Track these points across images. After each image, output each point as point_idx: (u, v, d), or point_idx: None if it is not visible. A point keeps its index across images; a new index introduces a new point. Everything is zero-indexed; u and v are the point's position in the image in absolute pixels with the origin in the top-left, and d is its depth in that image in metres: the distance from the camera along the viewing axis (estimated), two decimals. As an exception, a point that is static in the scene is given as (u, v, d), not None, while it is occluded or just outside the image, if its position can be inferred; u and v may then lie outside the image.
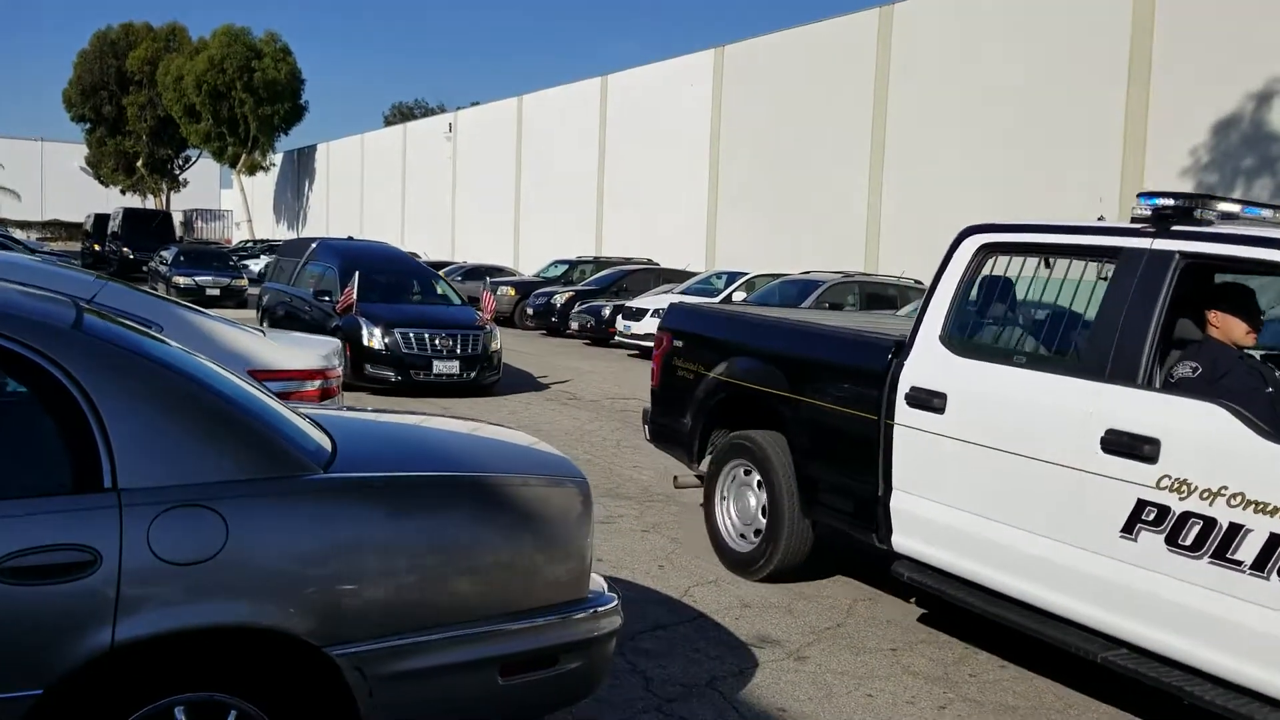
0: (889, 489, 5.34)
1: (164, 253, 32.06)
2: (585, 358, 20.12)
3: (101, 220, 45.66)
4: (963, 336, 5.21)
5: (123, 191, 70.20)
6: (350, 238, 19.58)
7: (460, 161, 48.90)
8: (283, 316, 16.01)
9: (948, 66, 24.08)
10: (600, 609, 3.58)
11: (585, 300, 23.68)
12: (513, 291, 26.80)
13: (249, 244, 52.12)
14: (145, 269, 34.29)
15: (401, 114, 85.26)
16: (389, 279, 15.22)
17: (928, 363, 5.21)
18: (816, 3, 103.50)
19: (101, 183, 72.21)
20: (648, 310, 20.36)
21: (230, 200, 75.75)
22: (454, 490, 3.35)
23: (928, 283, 5.63)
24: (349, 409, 4.95)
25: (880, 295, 19.36)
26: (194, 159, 69.99)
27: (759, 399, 6.40)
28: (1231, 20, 18.64)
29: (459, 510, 3.32)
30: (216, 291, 28.40)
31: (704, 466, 7.01)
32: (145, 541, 2.82)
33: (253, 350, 6.19)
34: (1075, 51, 21.17)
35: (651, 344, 20.89)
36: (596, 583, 3.74)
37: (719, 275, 23.38)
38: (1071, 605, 4.43)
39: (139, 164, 67.95)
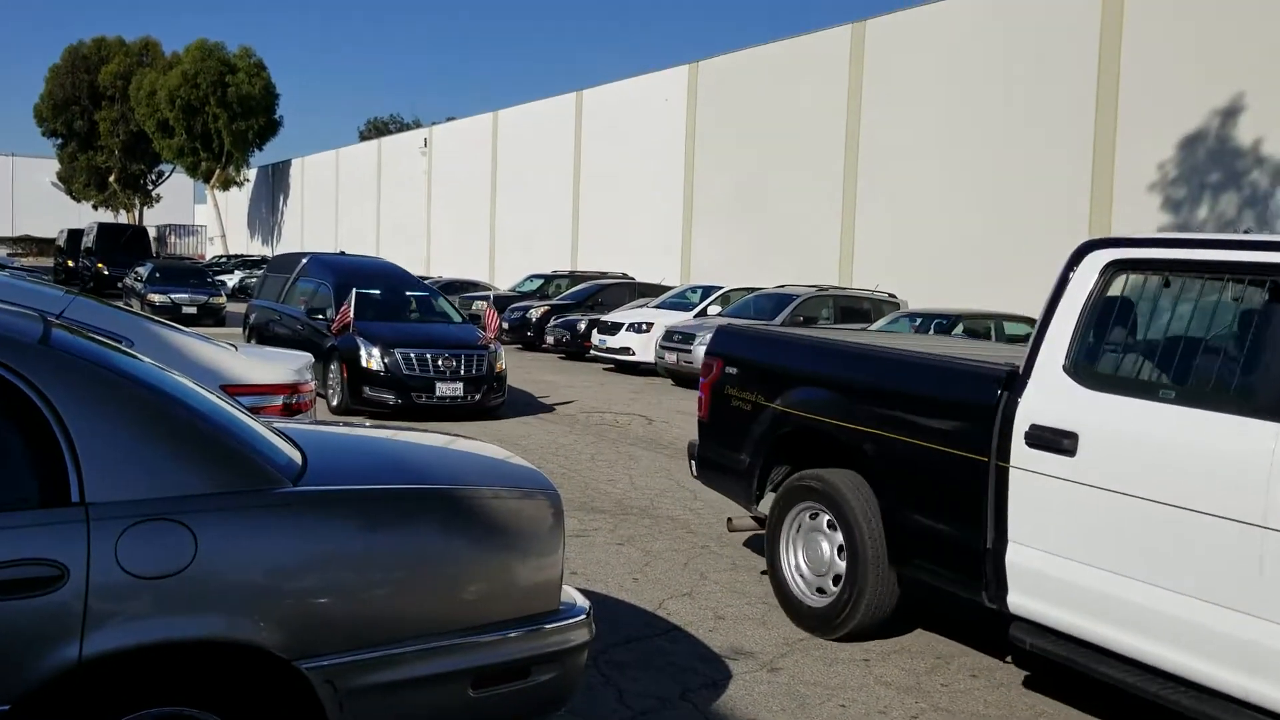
0: (1003, 541, 4.68)
1: (139, 269, 31.13)
2: (560, 372, 20.12)
3: (75, 235, 45.05)
4: (1093, 366, 4.51)
5: (95, 207, 69.69)
6: (343, 252, 18.54)
7: (435, 176, 48.88)
8: (272, 335, 15.34)
9: (920, 83, 24.31)
10: (573, 620, 3.59)
11: (560, 314, 23.70)
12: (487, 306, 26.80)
13: (222, 259, 51.83)
14: (120, 285, 33.51)
15: (377, 129, 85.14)
16: (386, 296, 14.58)
17: (1050, 397, 4.54)
18: (791, 19, 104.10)
19: (73, 198, 71.71)
20: (623, 324, 20.40)
21: (204, 215, 75.37)
22: (425, 502, 3.35)
23: (901, 296, 5.42)
24: (321, 423, 4.94)
25: (855, 309, 19.48)
26: (167, 174, 69.62)
27: (832, 434, 5.73)
28: (1197, 38, 18.93)
29: (430, 522, 3.32)
30: (194, 310, 27.56)
31: (763, 507, 6.35)
32: (113, 556, 2.81)
33: (224, 365, 6.17)
34: (1045, 67, 21.42)
35: (627, 357, 20.90)
36: (569, 594, 3.75)
37: (694, 289, 23.45)
38: (1237, 681, 3.80)
39: (111, 179, 67.50)
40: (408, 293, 15.19)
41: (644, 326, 20.05)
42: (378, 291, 14.42)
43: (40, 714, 2.78)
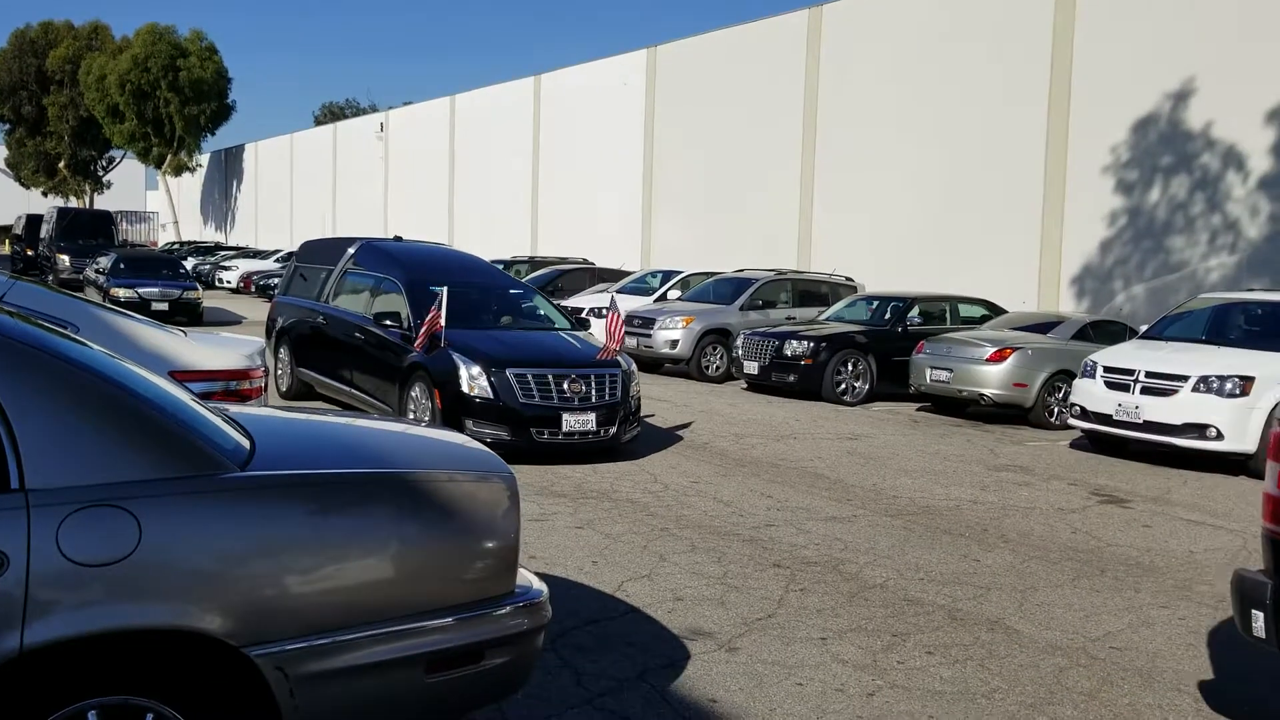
0: None
1: (100, 260, 26.84)
2: (520, 357, 20.02)
3: (34, 221, 42.72)
4: None
5: (44, 194, 68.44)
6: (398, 238, 14.23)
7: (392, 161, 48.42)
8: (320, 346, 12.45)
9: (876, 66, 24.38)
10: (528, 604, 3.57)
11: (520, 300, 23.49)
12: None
13: (175, 246, 51.07)
14: (81, 277, 29.74)
15: (332, 114, 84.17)
16: (473, 296, 11.33)
17: None
18: (749, 3, 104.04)
19: (22, 184, 70.31)
20: (583, 310, 20.33)
21: (156, 202, 74.18)
22: (376, 487, 3.31)
23: (859, 279, 5.27)
24: (272, 408, 4.88)
25: (813, 293, 19.56)
26: (118, 160, 68.46)
27: None
28: (1149, 22, 19.12)
29: (382, 507, 3.28)
30: (165, 306, 23.51)
31: None
32: (55, 543, 2.75)
33: (174, 351, 6.08)
34: (999, 51, 21.55)
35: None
36: (525, 578, 3.73)
37: (654, 274, 23.43)
38: None
39: (61, 165, 66.28)
40: (498, 293, 12.14)
41: (603, 312, 19.92)
42: (461, 291, 11.00)
43: (-20, 705, 2.72)
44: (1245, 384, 10.68)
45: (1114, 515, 8.85)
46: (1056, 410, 13.80)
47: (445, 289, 10.30)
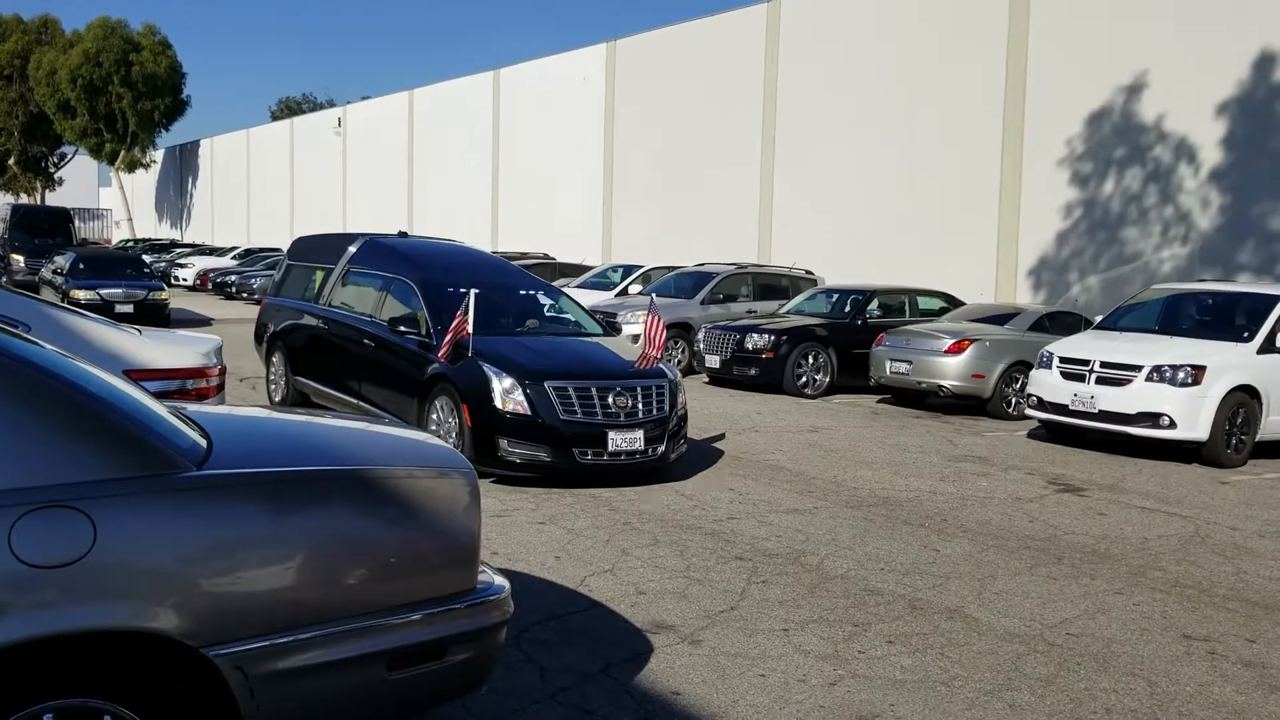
0: None
1: (58, 259, 25.43)
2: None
3: None
4: None
5: (-7, 191, 67.23)
6: (403, 233, 12.74)
7: (351, 157, 48.04)
8: (321, 355, 11.32)
9: (835, 60, 24.51)
10: (489, 599, 3.57)
11: (481, 296, 23.37)
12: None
13: (129, 244, 50.34)
14: (37, 278, 27.86)
15: (289, 109, 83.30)
16: (494, 298, 10.14)
17: None
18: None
19: (-30, 182, 69.03)
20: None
21: (109, 199, 73.10)
22: (335, 484, 3.29)
23: (818, 272, 5.35)
24: (230, 407, 4.83)
25: (773, 286, 19.65)
26: (70, 156, 67.39)
27: None
28: (1103, 16, 19.37)
29: (341, 505, 3.27)
30: (129, 308, 22.20)
31: None
32: (7, 545, 2.72)
33: (128, 350, 6.01)
34: (956, 45, 21.74)
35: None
36: (486, 574, 3.73)
37: (615, 269, 23.42)
38: None
39: (11, 162, 65.08)
40: (522, 292, 11.00)
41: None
42: (487, 292, 9.90)
43: (-67, 711, 2.68)
44: (1197, 373, 10.87)
45: (1070, 504, 8.98)
46: (1014, 401, 13.97)
47: (473, 291, 9.20)
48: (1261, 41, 17.10)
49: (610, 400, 8.92)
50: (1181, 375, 10.85)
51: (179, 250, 46.09)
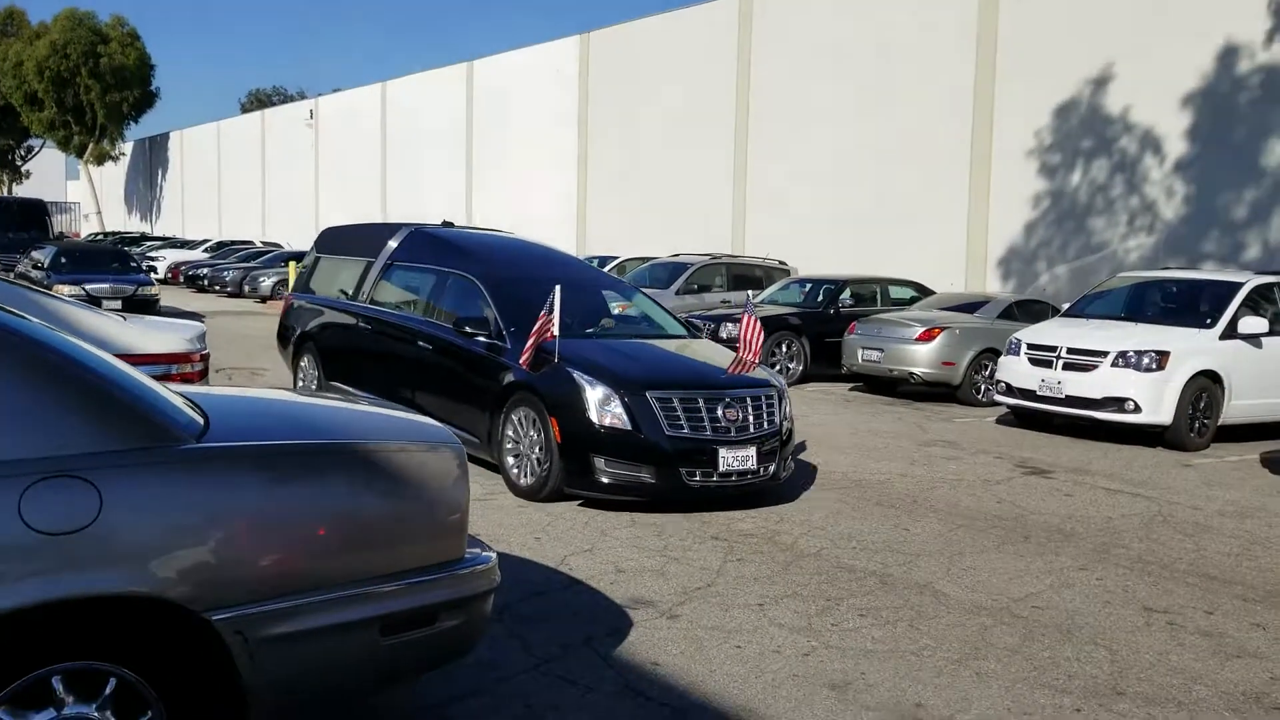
0: None
1: (36, 253, 24.46)
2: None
3: None
4: None
5: (-41, 184, 66.48)
6: (449, 223, 11.31)
7: (323, 149, 47.82)
8: (358, 356, 10.23)
9: (806, 50, 24.70)
10: (478, 567, 3.71)
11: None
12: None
13: (99, 237, 49.94)
14: (14, 274, 25.97)
15: (260, 101, 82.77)
16: (566, 296, 8.23)
17: None
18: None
19: (-65, 174, 68.23)
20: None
21: (77, 192, 72.45)
22: (330, 457, 3.42)
23: (791, 262, 5.44)
24: (223, 386, 4.93)
25: (747, 277, 19.82)
26: (37, 149, 66.72)
27: None
28: (1070, 9, 19.64)
29: (335, 476, 3.40)
30: (118, 303, 20.45)
31: None
32: (18, 512, 2.83)
33: (114, 335, 6.09)
34: (925, 37, 21.97)
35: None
36: (474, 544, 3.87)
37: (590, 260, 23.54)
38: None
39: (-24, 154, 64.42)
40: (595, 288, 9.83)
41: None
42: (553, 291, 8.22)
43: (-53, 672, 2.79)
44: (1161, 358, 11.12)
45: (1037, 485, 9.20)
46: (983, 387, 14.21)
47: (558, 288, 8.04)
48: (1225, 34, 17.42)
49: (720, 412, 7.80)
50: (1146, 361, 11.10)
51: (149, 243, 45.77)
